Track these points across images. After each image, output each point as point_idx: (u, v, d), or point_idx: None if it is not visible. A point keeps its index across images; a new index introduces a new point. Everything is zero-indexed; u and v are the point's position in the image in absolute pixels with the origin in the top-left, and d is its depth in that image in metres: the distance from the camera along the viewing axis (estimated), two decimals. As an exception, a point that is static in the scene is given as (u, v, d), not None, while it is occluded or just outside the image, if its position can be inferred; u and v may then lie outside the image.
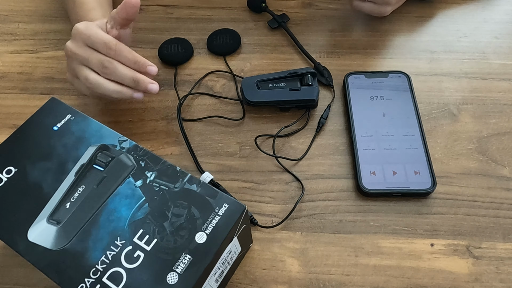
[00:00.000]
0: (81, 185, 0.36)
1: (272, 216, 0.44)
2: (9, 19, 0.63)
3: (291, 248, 0.42)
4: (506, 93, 0.52)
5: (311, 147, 0.49)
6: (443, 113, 0.50)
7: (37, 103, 0.54)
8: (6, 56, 0.59)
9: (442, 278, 0.40)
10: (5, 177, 0.37)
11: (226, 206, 0.35)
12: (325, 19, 0.60)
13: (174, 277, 0.32)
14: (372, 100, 0.51)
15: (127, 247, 0.33)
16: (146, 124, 0.51)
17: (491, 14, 0.59)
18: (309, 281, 0.41)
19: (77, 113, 0.41)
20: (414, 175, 0.45)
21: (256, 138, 0.48)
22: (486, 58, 0.55)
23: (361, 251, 0.42)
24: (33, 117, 0.40)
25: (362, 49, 0.57)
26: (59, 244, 0.34)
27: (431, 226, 0.43)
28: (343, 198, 0.45)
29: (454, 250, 0.42)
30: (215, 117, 0.52)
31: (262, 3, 0.60)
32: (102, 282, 0.32)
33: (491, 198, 0.44)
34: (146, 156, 0.38)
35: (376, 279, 0.40)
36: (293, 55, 0.57)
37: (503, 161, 0.47)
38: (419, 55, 0.56)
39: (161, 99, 0.54)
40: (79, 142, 0.39)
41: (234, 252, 0.37)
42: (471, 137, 0.48)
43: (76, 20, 0.53)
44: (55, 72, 0.57)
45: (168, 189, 0.36)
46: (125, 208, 0.35)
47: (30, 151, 0.38)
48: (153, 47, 0.58)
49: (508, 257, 0.41)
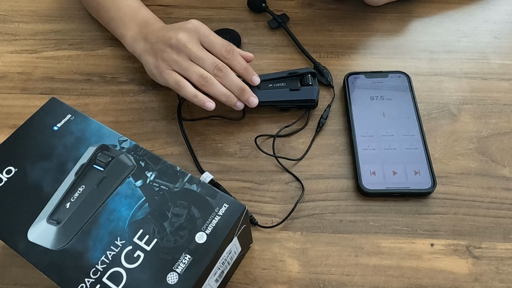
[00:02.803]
0: (81, 185, 0.36)
1: (272, 216, 0.44)
2: (9, 19, 0.63)
3: (291, 248, 0.42)
4: (506, 93, 0.52)
5: (311, 147, 0.49)
6: (443, 113, 0.50)
7: (37, 103, 0.54)
8: (6, 56, 0.59)
9: (442, 278, 0.40)
10: (5, 177, 0.37)
11: (226, 206, 0.35)
12: (325, 19, 0.60)
13: (174, 277, 0.32)
14: (372, 100, 0.51)
15: (127, 247, 0.33)
16: (146, 124, 0.51)
17: (491, 14, 0.59)
18: (309, 281, 0.41)
19: (77, 113, 0.41)
20: (414, 175, 0.45)
21: (256, 138, 0.48)
22: (486, 58, 0.55)
23: (361, 251, 0.42)
24: (33, 117, 0.40)
25: (362, 49, 0.57)
26: (59, 244, 0.34)
27: (431, 226, 0.43)
28: (343, 198, 0.45)
29: (454, 250, 0.42)
30: (215, 117, 0.52)
31: (262, 3, 0.60)
32: (102, 282, 0.32)
33: (491, 198, 0.44)
34: (146, 156, 0.38)
35: (376, 279, 0.40)
36: (293, 55, 0.57)
37: (503, 161, 0.47)
38: (419, 55, 0.56)
39: (161, 99, 0.54)
40: (79, 142, 0.39)
41: (234, 252, 0.37)
42: (471, 137, 0.48)
43: (119, 18, 0.53)
44: (55, 72, 0.57)
45: (168, 189, 0.36)
46: (125, 208, 0.35)
47: (30, 151, 0.38)
48: (153, 47, 0.58)
49: (508, 257, 0.41)
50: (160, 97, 0.54)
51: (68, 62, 0.58)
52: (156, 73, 0.48)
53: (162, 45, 0.48)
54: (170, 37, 0.47)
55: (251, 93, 0.47)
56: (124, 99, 0.54)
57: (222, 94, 0.47)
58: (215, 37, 0.48)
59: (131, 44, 0.52)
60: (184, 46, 0.46)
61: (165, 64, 0.47)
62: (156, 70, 0.48)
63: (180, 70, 0.47)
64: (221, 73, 0.46)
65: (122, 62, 0.57)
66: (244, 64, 0.48)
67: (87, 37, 0.60)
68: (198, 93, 0.46)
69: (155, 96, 0.54)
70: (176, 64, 0.47)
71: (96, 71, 0.57)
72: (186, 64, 0.46)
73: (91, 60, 0.58)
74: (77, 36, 0.60)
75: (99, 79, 0.56)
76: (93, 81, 0.56)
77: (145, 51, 0.50)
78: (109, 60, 0.58)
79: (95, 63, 0.57)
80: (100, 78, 0.56)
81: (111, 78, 0.56)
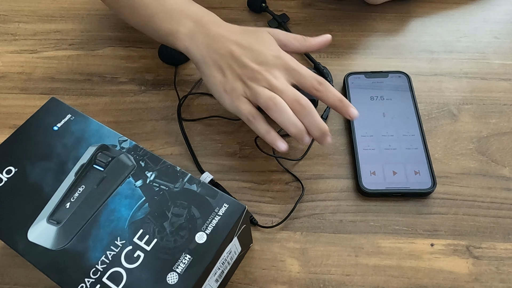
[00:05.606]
0: (81, 185, 0.36)
1: (272, 216, 0.44)
2: (9, 19, 0.63)
3: (291, 248, 0.42)
4: (506, 93, 0.52)
5: (311, 147, 0.49)
6: (443, 113, 0.50)
7: (37, 103, 0.54)
8: (6, 56, 0.59)
9: (442, 278, 0.40)
10: (5, 177, 0.37)
11: (226, 206, 0.35)
12: (325, 19, 0.60)
13: (174, 277, 0.32)
14: (372, 100, 0.51)
15: (127, 247, 0.33)
16: (146, 124, 0.51)
17: (491, 14, 0.59)
18: (309, 281, 0.41)
19: (77, 113, 0.41)
20: (414, 175, 0.45)
21: (256, 138, 0.48)
22: (486, 58, 0.55)
23: (361, 251, 0.42)
24: (33, 117, 0.40)
25: (362, 49, 0.57)
26: (59, 244, 0.34)
27: (431, 226, 0.43)
28: (343, 198, 0.45)
29: (454, 250, 0.42)
30: (215, 117, 0.52)
31: (262, 3, 0.60)
32: (102, 282, 0.32)
33: (491, 198, 0.44)
34: (146, 156, 0.38)
35: (376, 279, 0.40)
36: (293, 55, 0.57)
37: (503, 161, 0.47)
38: (419, 55, 0.56)
39: (161, 99, 0.54)
40: (79, 142, 0.39)
41: (234, 252, 0.37)
42: (471, 137, 0.48)
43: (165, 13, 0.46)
44: (55, 72, 0.57)
45: (168, 189, 0.36)
46: (125, 208, 0.35)
47: (30, 151, 0.38)
48: (153, 47, 0.58)
49: (508, 257, 0.41)
50: (160, 97, 0.54)
51: (68, 62, 0.58)
52: (226, 97, 0.43)
53: (235, 65, 0.42)
54: (247, 64, 0.42)
55: (329, 133, 0.42)
56: (124, 99, 0.54)
57: (292, 124, 0.40)
58: (303, 69, 0.42)
59: (188, 43, 0.45)
60: (264, 78, 0.41)
61: (236, 92, 0.42)
62: (227, 95, 0.43)
63: (252, 97, 0.42)
64: (303, 109, 0.41)
65: (122, 62, 0.57)
66: (338, 95, 0.42)
67: (87, 37, 0.60)
68: (272, 130, 0.42)
69: (155, 96, 0.54)
70: (249, 92, 0.42)
71: (96, 71, 0.57)
72: (260, 90, 0.41)
73: (91, 60, 0.58)
74: (77, 36, 0.60)
75: (99, 79, 0.56)
76: (93, 81, 0.56)
77: (209, 62, 0.44)
78: (109, 60, 0.58)
79: (95, 63, 0.57)
80: (100, 78, 0.56)
81: (111, 78, 0.56)
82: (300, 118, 0.41)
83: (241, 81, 0.42)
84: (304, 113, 0.41)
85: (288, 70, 0.43)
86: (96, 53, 0.58)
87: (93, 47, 0.59)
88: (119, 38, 0.60)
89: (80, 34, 0.61)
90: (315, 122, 0.41)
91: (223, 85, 0.43)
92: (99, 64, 0.57)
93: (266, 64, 0.42)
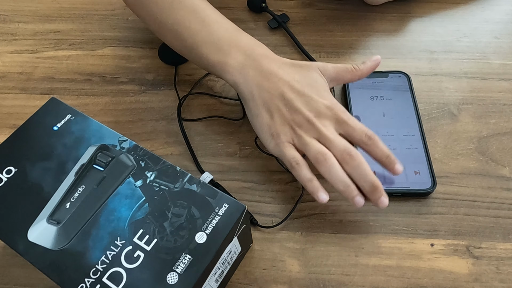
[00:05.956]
0: (81, 185, 0.36)
1: (272, 216, 0.44)
2: (9, 19, 0.63)
3: (291, 248, 0.42)
4: (506, 93, 0.52)
5: (311, 147, 0.49)
6: (443, 113, 0.50)
7: (37, 103, 0.54)
8: (6, 56, 0.59)
9: (442, 278, 0.40)
10: (5, 177, 0.37)
11: (226, 206, 0.35)
12: (325, 19, 0.60)
13: (174, 277, 0.32)
14: (372, 100, 0.51)
15: (127, 247, 0.33)
16: (146, 124, 0.51)
17: (491, 14, 0.59)
18: (309, 281, 0.41)
19: (77, 113, 0.41)
20: (414, 175, 0.45)
21: (256, 138, 0.48)
22: (486, 58, 0.55)
23: (361, 251, 0.42)
24: (33, 117, 0.40)
25: (362, 49, 0.57)
26: (59, 244, 0.34)
27: (431, 226, 0.43)
28: (343, 198, 0.45)
29: (454, 250, 0.42)
30: (215, 117, 0.52)
31: (262, 3, 0.60)
32: (102, 282, 0.32)
33: (491, 198, 0.44)
34: (146, 156, 0.38)
35: (376, 279, 0.40)
36: (293, 55, 0.57)
37: (503, 161, 0.47)
38: (419, 55, 0.56)
39: (161, 99, 0.54)
40: (79, 142, 0.39)
41: (234, 252, 0.37)
42: (471, 137, 0.48)
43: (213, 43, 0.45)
44: (55, 72, 0.57)
45: (168, 189, 0.36)
46: (125, 208, 0.35)
47: (30, 151, 0.38)
48: (153, 47, 0.58)
49: (508, 257, 0.41)
50: (160, 97, 0.54)
51: (68, 62, 0.58)
52: (271, 140, 0.42)
53: (284, 109, 0.41)
54: (297, 110, 0.41)
55: (383, 192, 0.39)
56: (124, 99, 0.54)
57: (340, 181, 0.39)
58: (354, 121, 0.41)
59: (237, 77, 0.44)
60: (314, 127, 0.40)
61: (283, 137, 0.41)
62: (272, 138, 0.42)
63: (299, 145, 0.41)
64: (352, 161, 0.39)
65: (122, 62, 0.57)
66: (386, 151, 0.40)
67: (87, 37, 0.60)
68: (315, 179, 0.40)
69: (155, 96, 0.54)
70: (297, 139, 0.41)
71: (96, 71, 0.57)
72: (308, 140, 0.40)
73: (91, 60, 0.58)
74: (77, 36, 0.60)
75: (99, 79, 0.56)
76: (93, 81, 0.56)
77: (258, 100, 0.43)
78: (109, 60, 0.58)
79: (95, 63, 0.57)
80: (100, 78, 0.56)
81: (111, 78, 0.56)
82: (348, 171, 0.39)
83: (289, 126, 0.41)
84: (354, 165, 0.39)
85: (339, 121, 0.41)
86: (96, 53, 0.58)
87: (93, 47, 0.59)
88: (119, 38, 0.60)
89: (80, 34, 0.61)
90: (365, 175, 0.39)
91: (269, 127, 0.42)
92: (99, 64, 0.57)
93: (317, 113, 0.41)
